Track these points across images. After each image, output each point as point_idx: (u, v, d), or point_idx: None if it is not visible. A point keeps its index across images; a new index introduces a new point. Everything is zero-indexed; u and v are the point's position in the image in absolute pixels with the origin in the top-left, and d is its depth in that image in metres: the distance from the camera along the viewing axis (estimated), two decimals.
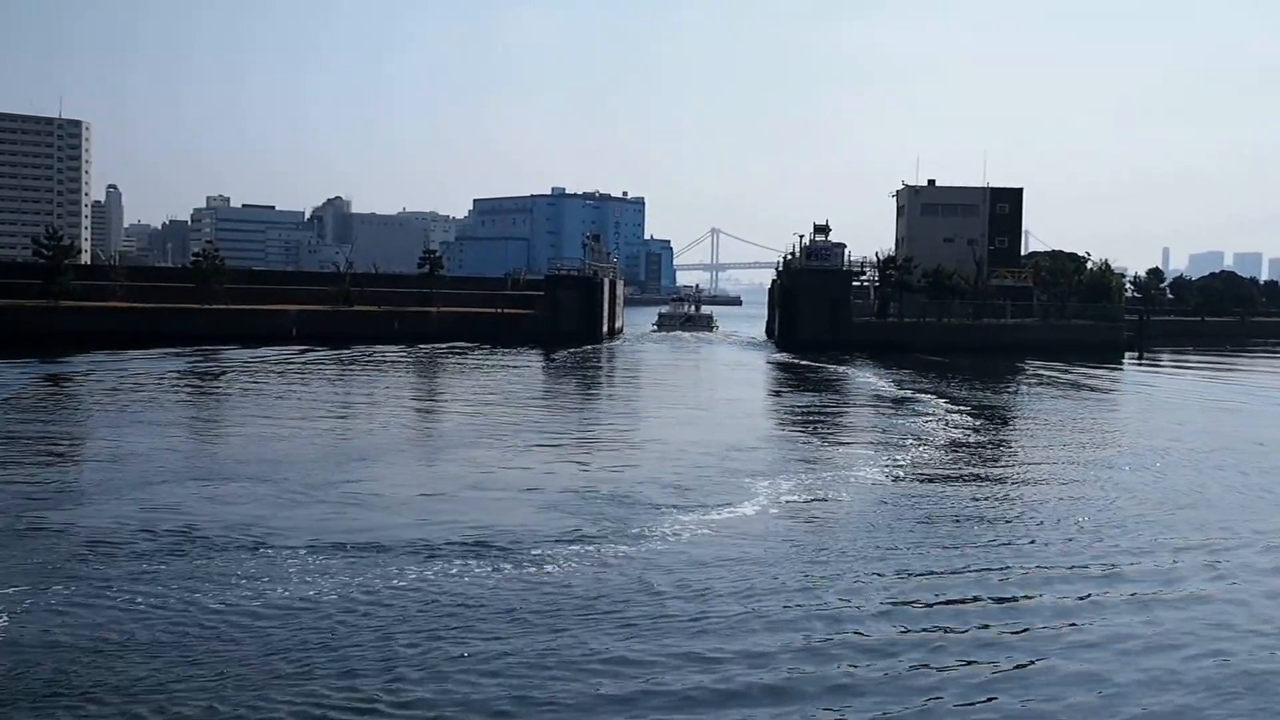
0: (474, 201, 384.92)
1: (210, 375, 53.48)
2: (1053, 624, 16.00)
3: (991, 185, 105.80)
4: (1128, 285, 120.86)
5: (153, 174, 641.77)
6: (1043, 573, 18.82)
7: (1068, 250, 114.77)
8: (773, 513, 22.99)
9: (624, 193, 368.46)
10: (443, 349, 75.18)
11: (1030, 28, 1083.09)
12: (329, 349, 70.63)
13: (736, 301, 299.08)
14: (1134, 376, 68.42)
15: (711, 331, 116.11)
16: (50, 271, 77.82)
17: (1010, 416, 44.55)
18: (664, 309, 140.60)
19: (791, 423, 41.30)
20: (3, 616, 14.86)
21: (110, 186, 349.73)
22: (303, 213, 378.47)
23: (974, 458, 32.14)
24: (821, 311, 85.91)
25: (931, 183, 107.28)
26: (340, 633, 14.68)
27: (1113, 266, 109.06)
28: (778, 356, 79.99)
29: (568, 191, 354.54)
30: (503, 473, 27.14)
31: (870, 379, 60.07)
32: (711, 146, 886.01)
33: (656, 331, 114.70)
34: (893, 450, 32.33)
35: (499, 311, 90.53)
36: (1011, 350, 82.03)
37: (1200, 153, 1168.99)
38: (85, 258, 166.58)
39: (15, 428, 33.09)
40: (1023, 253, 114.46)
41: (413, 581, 17.00)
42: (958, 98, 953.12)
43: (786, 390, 55.52)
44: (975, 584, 18.06)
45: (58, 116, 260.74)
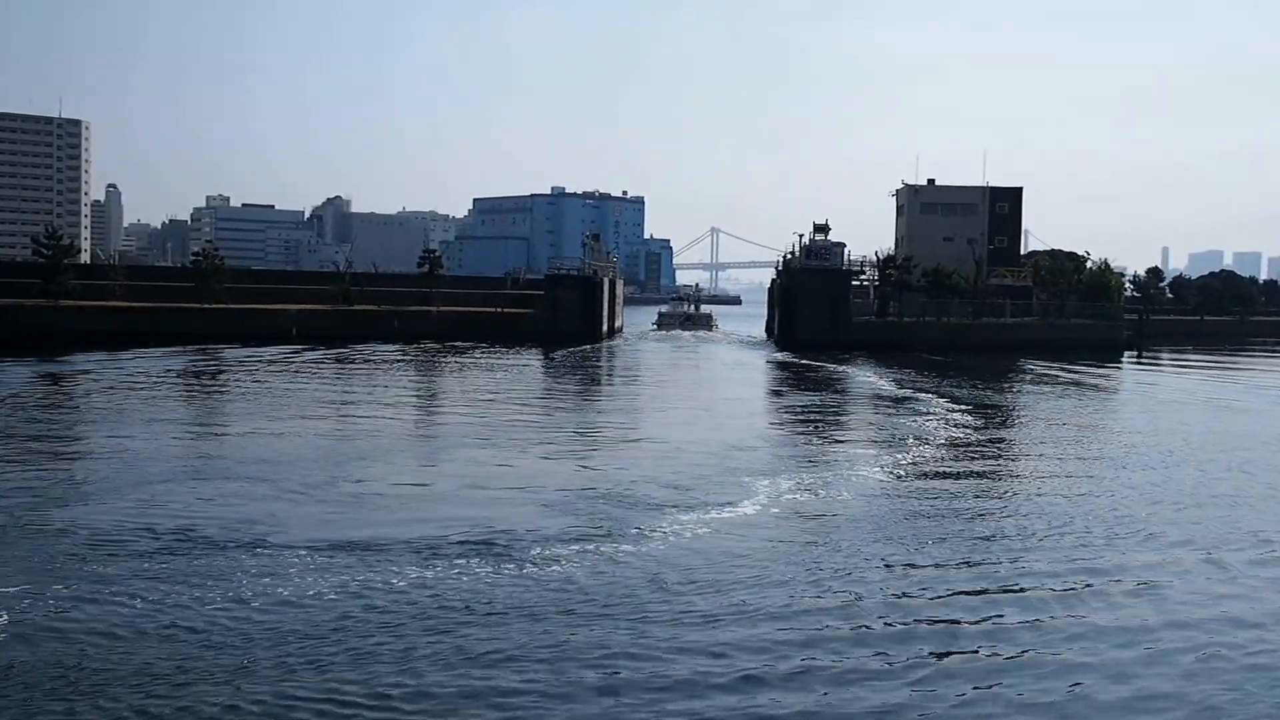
0: (474, 201, 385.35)
1: (210, 374, 53.45)
2: (1057, 623, 15.97)
3: (991, 185, 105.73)
4: (1127, 284, 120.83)
5: (152, 173, 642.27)
6: (1047, 571, 18.78)
7: (1067, 249, 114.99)
8: (774, 512, 22.97)
9: (624, 192, 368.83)
10: (442, 348, 75.17)
11: (1030, 28, 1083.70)
12: (329, 348, 70.61)
13: (736, 301, 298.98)
14: (1134, 376, 68.41)
15: (711, 331, 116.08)
16: (50, 271, 77.81)
17: (1011, 415, 44.53)
18: (664, 308, 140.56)
19: (792, 422, 41.29)
20: (2, 616, 14.85)
21: (110, 186, 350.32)
22: (302, 212, 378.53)
23: (976, 457, 32.11)
24: (821, 311, 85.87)
25: (931, 182, 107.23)
26: (342, 632, 14.65)
27: (1112, 266, 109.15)
28: (777, 356, 79.97)
29: (567, 191, 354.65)
30: (503, 472, 27.11)
31: (870, 378, 60.05)
32: (711, 146, 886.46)
33: (656, 331, 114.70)
34: (894, 449, 32.31)
35: (499, 311, 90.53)
36: (1011, 349, 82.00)
37: (1200, 152, 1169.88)
38: (85, 257, 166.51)
39: (15, 427, 33.06)
40: (1022, 252, 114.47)
41: (415, 581, 16.97)
42: (958, 97, 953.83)
43: (786, 389, 55.50)
44: (980, 583, 18.03)
45: (57, 116, 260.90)
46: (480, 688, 13.00)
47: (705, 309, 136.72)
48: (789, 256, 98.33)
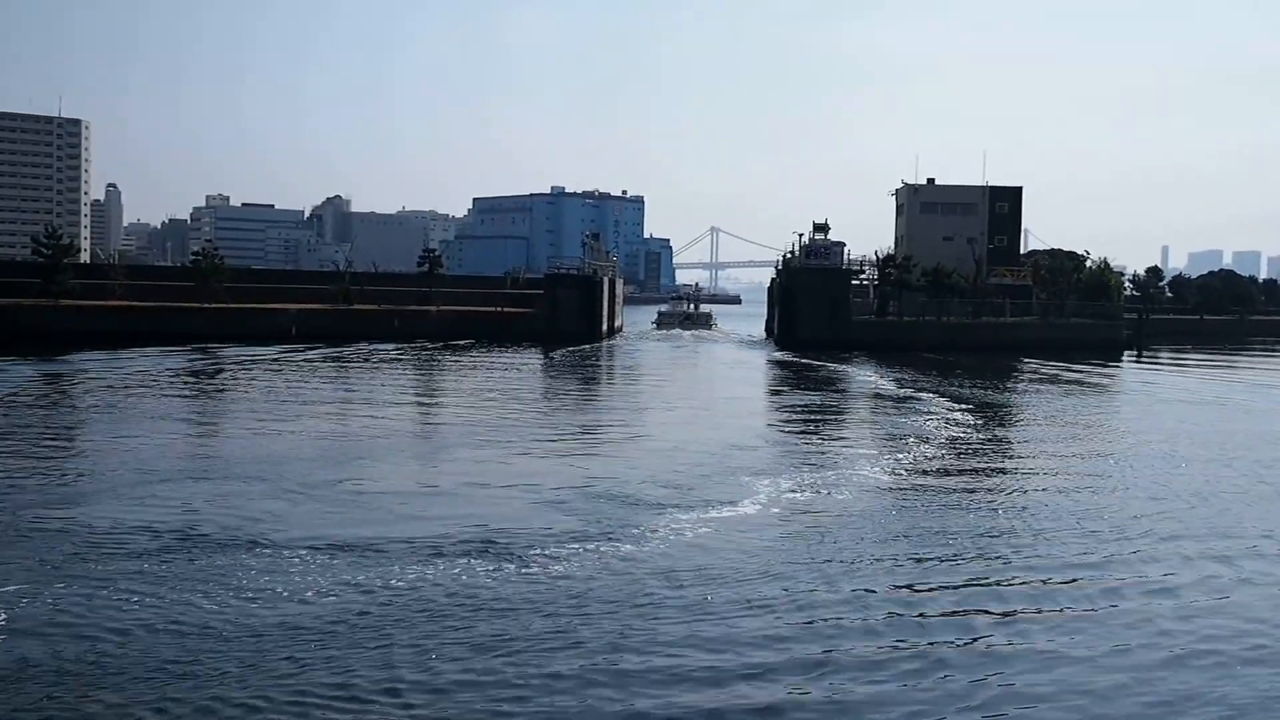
0: (473, 200, 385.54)
1: (209, 374, 53.43)
2: (1062, 622, 15.95)
3: (991, 184, 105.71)
4: (1127, 284, 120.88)
5: (152, 173, 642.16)
6: (1051, 571, 18.78)
7: (1067, 249, 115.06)
8: (774, 511, 22.94)
9: (623, 192, 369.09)
10: (442, 348, 75.16)
11: (1030, 28, 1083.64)
12: (329, 348, 70.61)
13: (736, 300, 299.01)
14: (1134, 375, 68.38)
15: (711, 330, 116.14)
16: (50, 270, 77.82)
17: (1012, 415, 44.51)
18: (663, 308, 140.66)
19: (792, 421, 41.27)
20: (2, 616, 14.83)
21: (110, 185, 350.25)
22: (302, 211, 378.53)
23: (977, 456, 32.07)
24: (821, 310, 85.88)
25: (931, 181, 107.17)
26: (343, 632, 14.62)
27: (1112, 265, 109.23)
28: (777, 355, 79.96)
29: (567, 190, 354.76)
30: (503, 471, 27.09)
31: (870, 377, 60.05)
32: (711, 145, 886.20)
33: (656, 330, 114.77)
34: (895, 448, 32.30)
35: (498, 310, 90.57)
36: (1011, 349, 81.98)
37: (1199, 152, 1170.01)
38: (85, 257, 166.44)
39: (14, 426, 33.03)
40: (1022, 251, 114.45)
41: (415, 581, 16.93)
42: (958, 97, 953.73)
43: (786, 389, 55.49)
44: (984, 584, 17.99)
45: (57, 115, 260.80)
46: (485, 687, 12.97)
47: (705, 308, 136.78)
48: (789, 256, 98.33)
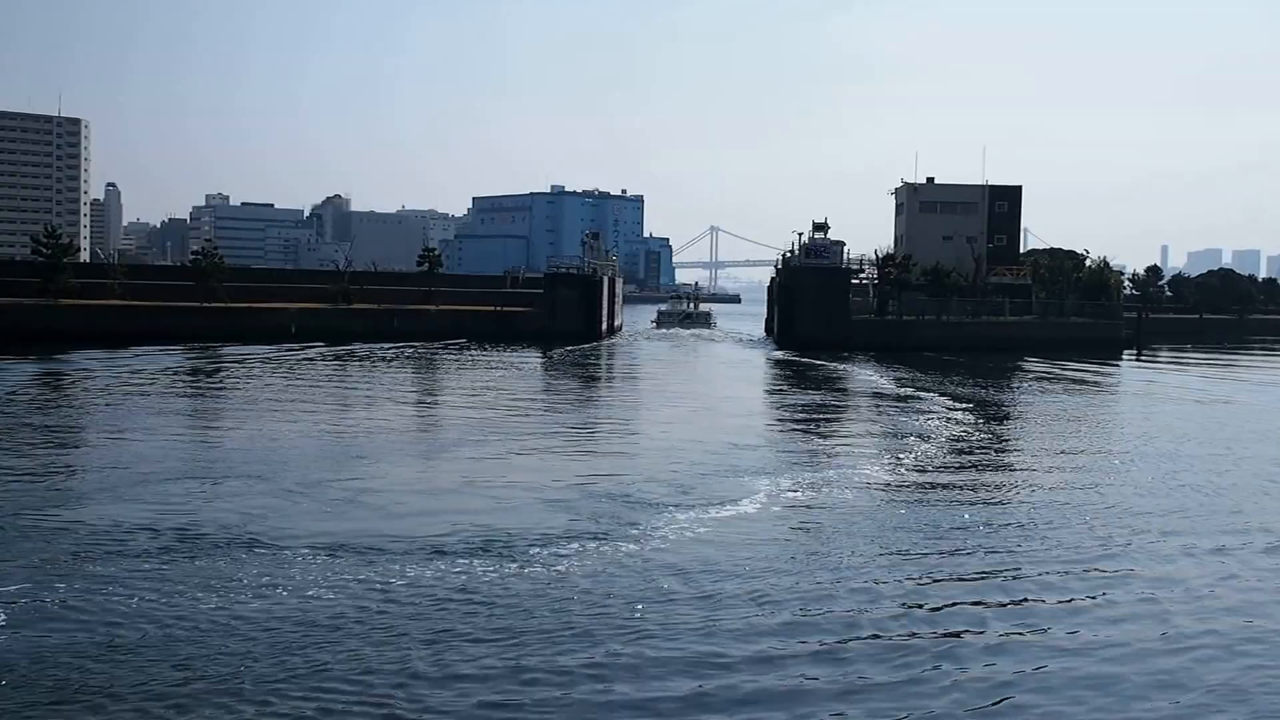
0: (473, 199, 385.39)
1: (209, 373, 53.41)
2: (1067, 620, 15.98)
3: (990, 183, 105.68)
4: (1126, 283, 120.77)
5: (152, 172, 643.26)
6: (1055, 570, 18.81)
7: (1066, 248, 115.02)
8: (774, 510, 22.94)
9: (623, 191, 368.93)
10: (442, 347, 75.14)
11: (1030, 27, 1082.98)
12: (328, 347, 70.60)
13: (735, 299, 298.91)
14: (1134, 374, 68.38)
15: (710, 329, 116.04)
16: (49, 269, 77.77)
17: (1012, 414, 44.51)
18: (663, 307, 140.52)
19: (792, 420, 41.27)
20: (1, 615, 14.83)
21: (109, 185, 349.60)
22: (302, 211, 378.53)
23: (978, 455, 32.06)
24: (820, 309, 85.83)
25: (930, 180, 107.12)
26: (343, 632, 14.62)
27: (1111, 264, 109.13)
28: (777, 354, 79.95)
29: (567, 189, 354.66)
30: (503, 470, 27.09)
31: (870, 376, 60.04)
32: (711, 145, 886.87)
33: (655, 329, 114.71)
34: (895, 448, 32.29)
35: (498, 309, 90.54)
36: (1010, 348, 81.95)
37: (1199, 150, 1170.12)
38: (84, 256, 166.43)
39: (14, 426, 33.01)
40: (1021, 250, 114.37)
41: (415, 581, 16.92)
42: (957, 97, 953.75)
43: (786, 387, 55.47)
44: (989, 583, 18.02)
45: (57, 115, 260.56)
46: (487, 686, 12.97)
47: (704, 307, 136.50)
48: (788, 255, 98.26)
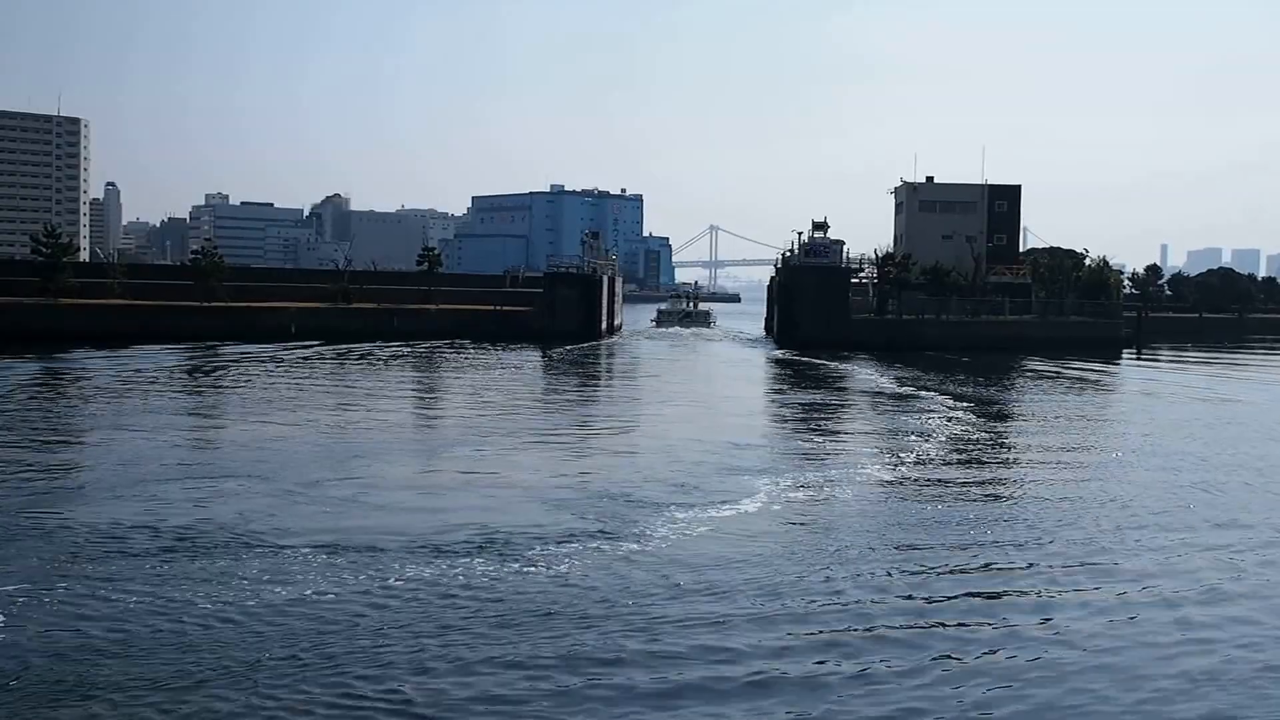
0: (473, 199, 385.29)
1: (209, 373, 53.38)
2: (1070, 619, 15.97)
3: (990, 182, 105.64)
4: (1126, 282, 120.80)
5: (151, 171, 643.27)
6: (1060, 568, 18.83)
7: (1066, 247, 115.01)
8: (776, 509, 22.93)
9: (623, 190, 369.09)
10: (441, 346, 75.11)
11: (1030, 27, 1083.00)
12: (328, 346, 70.57)
13: (735, 298, 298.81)
14: (1134, 373, 68.40)
15: (710, 328, 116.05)
16: (49, 269, 77.74)
17: (1013, 413, 44.50)
18: (663, 306, 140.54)
19: (792, 419, 41.26)
20: (1, 616, 14.82)
21: (109, 184, 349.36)
22: (301, 210, 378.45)
23: (980, 454, 32.04)
24: (820, 308, 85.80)
25: (930, 180, 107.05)
26: (344, 631, 14.60)
27: (1111, 263, 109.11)
28: (777, 353, 79.94)
29: (566, 188, 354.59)
30: (503, 470, 27.06)
31: (870, 376, 60.03)
32: (711, 144, 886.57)
33: (655, 328, 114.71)
34: (896, 447, 32.27)
35: (498, 309, 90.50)
36: (1010, 347, 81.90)
37: (1199, 149, 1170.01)
38: (84, 255, 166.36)
39: (13, 426, 32.99)
40: (1021, 249, 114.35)
41: (416, 580, 16.90)
42: (957, 96, 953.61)
43: (786, 387, 55.47)
44: (993, 582, 18.03)
45: (56, 114, 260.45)
46: (489, 686, 12.95)
47: (704, 307, 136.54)
48: (788, 254, 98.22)
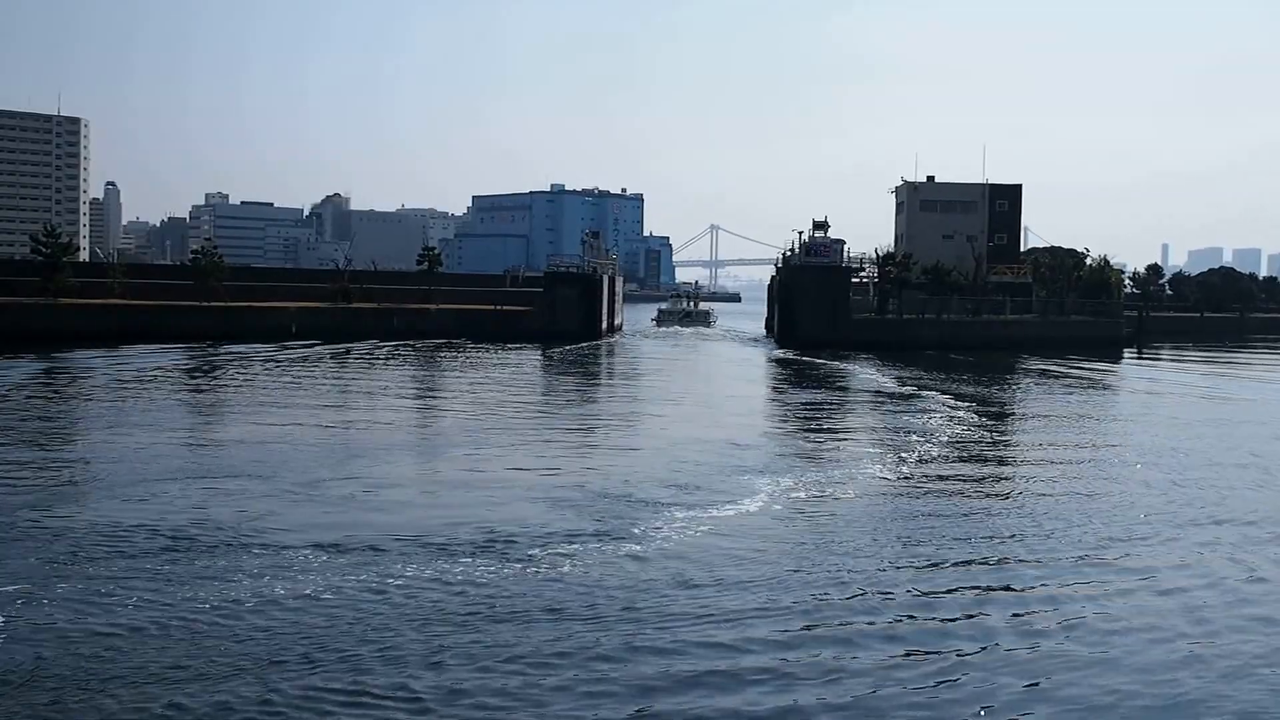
0: (473, 198, 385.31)
1: (209, 372, 53.34)
2: (1072, 619, 15.93)
3: (991, 182, 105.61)
4: (1127, 281, 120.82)
5: (151, 171, 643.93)
6: (1067, 564, 18.82)
7: (1067, 246, 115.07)
8: (777, 509, 22.88)
9: (623, 189, 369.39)
10: (442, 346, 75.08)
11: (1030, 27, 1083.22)
12: (328, 346, 70.54)
13: (736, 298, 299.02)
14: (1136, 372, 68.35)
15: (710, 328, 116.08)
16: (49, 269, 77.70)
17: (1014, 412, 44.46)
18: (663, 305, 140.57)
19: (793, 419, 41.21)
20: (2, 616, 14.77)
21: (109, 184, 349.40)
22: (301, 210, 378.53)
23: (981, 453, 31.97)
24: (821, 308, 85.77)
25: (930, 179, 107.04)
26: (345, 631, 14.56)
27: (1112, 262, 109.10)
28: (777, 353, 79.90)
29: (567, 188, 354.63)
30: (503, 470, 27.03)
31: (871, 375, 59.97)
32: (711, 144, 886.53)
33: (656, 328, 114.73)
34: (897, 446, 32.22)
35: (498, 308, 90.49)
36: (1011, 347, 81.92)
37: (1200, 149, 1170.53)
38: (84, 255, 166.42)
39: (13, 425, 32.96)
40: (1022, 249, 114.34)
41: (417, 579, 16.86)
42: (958, 95, 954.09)
43: (787, 386, 55.43)
44: (997, 581, 17.98)
45: (56, 114, 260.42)
46: (489, 685, 12.91)
47: (705, 306, 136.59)
48: (789, 254, 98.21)
